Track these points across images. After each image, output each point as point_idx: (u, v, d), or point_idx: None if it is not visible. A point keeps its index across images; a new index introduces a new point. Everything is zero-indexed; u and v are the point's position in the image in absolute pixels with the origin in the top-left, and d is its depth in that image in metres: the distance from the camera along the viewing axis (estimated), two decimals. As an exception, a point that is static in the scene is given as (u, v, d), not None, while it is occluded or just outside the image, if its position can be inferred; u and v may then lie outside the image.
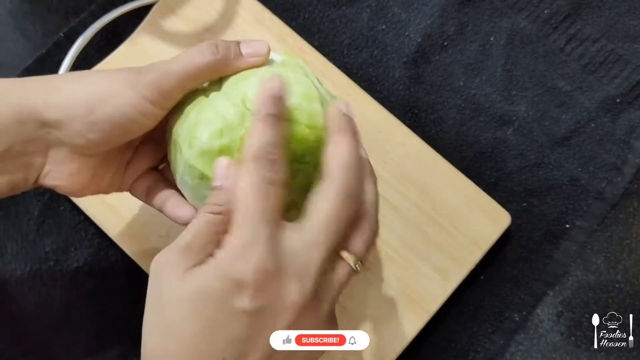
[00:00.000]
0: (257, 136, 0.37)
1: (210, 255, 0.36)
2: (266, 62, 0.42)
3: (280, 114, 0.38)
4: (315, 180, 0.38)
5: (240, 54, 0.41)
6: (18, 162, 0.41)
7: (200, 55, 0.40)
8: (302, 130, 0.39)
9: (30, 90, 0.40)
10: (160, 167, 0.47)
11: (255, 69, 0.42)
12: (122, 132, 0.41)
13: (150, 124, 0.41)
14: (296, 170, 0.40)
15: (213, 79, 0.42)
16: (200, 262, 0.35)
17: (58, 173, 0.42)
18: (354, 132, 0.39)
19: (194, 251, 0.36)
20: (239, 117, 0.40)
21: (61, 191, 0.43)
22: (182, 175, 0.42)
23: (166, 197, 0.45)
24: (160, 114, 0.41)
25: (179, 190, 0.44)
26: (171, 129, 0.43)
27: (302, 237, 0.36)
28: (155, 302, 0.36)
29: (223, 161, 0.38)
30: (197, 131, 0.40)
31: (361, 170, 0.39)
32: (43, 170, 0.42)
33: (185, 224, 0.44)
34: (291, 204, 0.39)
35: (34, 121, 0.40)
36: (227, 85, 0.42)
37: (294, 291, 0.35)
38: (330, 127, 0.39)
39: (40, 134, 0.40)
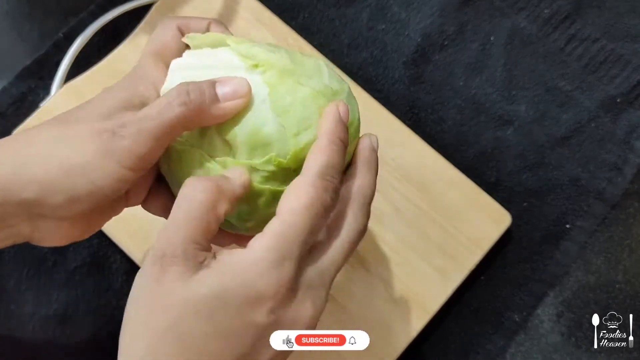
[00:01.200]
0: (326, 157, 0.36)
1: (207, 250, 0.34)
2: (248, 103, 0.37)
3: (346, 142, 0.37)
4: None
5: (217, 98, 0.37)
6: (1, 234, 0.38)
7: (170, 109, 0.36)
8: None
9: (1, 168, 0.36)
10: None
11: (259, 105, 0.37)
12: (105, 198, 0.38)
13: (131, 183, 0.39)
14: None
15: (192, 130, 0.38)
16: (197, 259, 0.34)
17: (49, 238, 0.39)
18: (376, 170, 0.40)
19: (188, 250, 0.34)
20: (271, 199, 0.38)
21: (59, 245, 0.41)
22: None
23: None
24: (142, 174, 0.38)
25: None
26: (173, 180, 0.40)
27: (320, 263, 0.36)
28: (153, 311, 0.33)
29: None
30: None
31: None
32: (33, 237, 0.39)
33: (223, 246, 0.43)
34: None
35: (10, 202, 0.36)
36: (237, 144, 0.37)
37: (309, 313, 0.35)
38: (360, 159, 0.39)
39: (20, 210, 0.37)
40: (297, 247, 0.34)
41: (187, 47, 0.41)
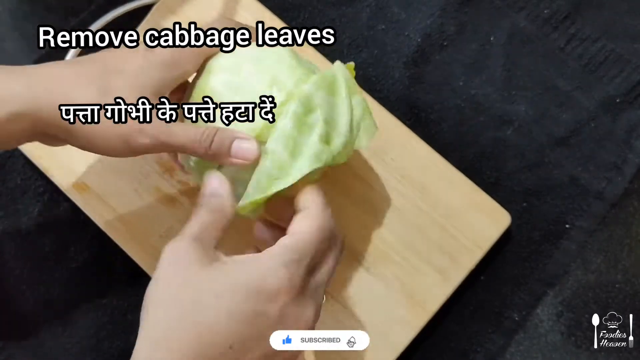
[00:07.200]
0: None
1: (216, 248, 0.40)
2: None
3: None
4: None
5: (229, 153, 0.43)
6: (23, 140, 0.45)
7: (191, 144, 0.43)
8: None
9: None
10: None
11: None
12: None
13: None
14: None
15: None
16: (213, 254, 0.39)
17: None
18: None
19: (205, 243, 0.39)
20: None
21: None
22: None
23: None
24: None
25: None
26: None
27: (319, 276, 0.41)
28: (178, 289, 0.37)
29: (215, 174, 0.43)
30: None
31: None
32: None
33: None
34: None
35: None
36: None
37: (310, 314, 0.39)
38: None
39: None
40: (306, 257, 0.39)
41: None
